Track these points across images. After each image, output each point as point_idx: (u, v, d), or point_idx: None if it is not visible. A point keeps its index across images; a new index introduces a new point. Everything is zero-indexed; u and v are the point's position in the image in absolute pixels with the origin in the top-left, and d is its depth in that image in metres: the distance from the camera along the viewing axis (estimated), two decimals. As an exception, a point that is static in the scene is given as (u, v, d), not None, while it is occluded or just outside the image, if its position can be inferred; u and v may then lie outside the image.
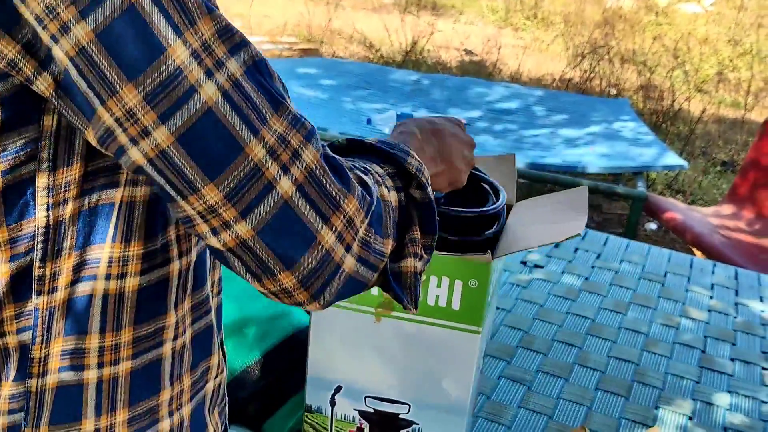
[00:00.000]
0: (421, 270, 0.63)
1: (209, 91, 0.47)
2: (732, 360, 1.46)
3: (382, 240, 0.57)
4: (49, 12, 0.45)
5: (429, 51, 7.19)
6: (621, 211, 4.26)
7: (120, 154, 0.49)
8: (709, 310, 1.64)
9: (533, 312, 1.55)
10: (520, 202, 1.07)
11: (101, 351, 0.56)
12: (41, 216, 0.52)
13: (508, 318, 1.51)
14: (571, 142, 4.30)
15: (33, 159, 0.51)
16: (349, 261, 0.54)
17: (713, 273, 1.82)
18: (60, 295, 0.54)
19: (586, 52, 6.83)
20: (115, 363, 0.57)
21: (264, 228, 0.49)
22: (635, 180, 3.91)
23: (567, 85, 6.40)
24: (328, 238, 0.52)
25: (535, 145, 4.17)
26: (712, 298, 1.69)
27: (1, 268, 0.53)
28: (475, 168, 0.98)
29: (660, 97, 6.07)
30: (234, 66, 0.48)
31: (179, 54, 0.46)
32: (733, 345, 1.51)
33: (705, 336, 1.53)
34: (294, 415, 1.12)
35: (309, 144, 0.50)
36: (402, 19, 7.47)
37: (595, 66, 6.56)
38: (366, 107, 4.55)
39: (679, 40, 7.32)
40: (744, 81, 6.83)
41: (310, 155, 0.50)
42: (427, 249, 0.63)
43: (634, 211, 3.55)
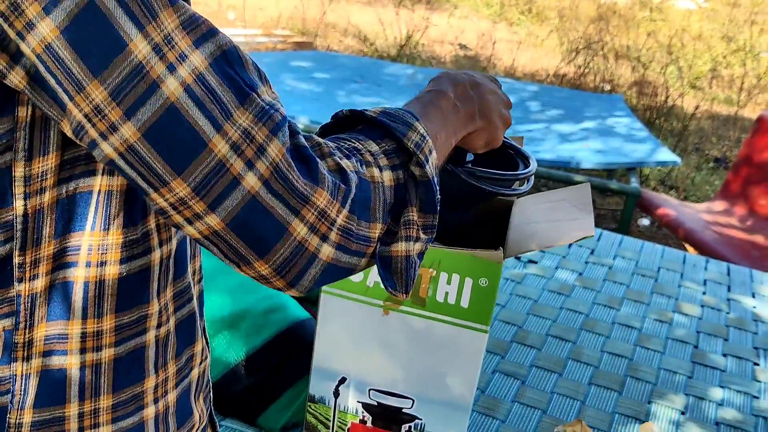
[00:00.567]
0: (419, 251, 0.61)
1: (171, 87, 0.47)
2: (724, 355, 1.47)
3: (368, 224, 0.56)
4: (14, 9, 0.46)
5: (423, 45, 7.18)
6: (614, 207, 4.28)
7: (93, 147, 0.50)
8: (702, 305, 1.65)
9: (527, 307, 1.55)
10: (522, 198, 1.06)
11: (83, 337, 0.57)
12: (19, 205, 0.53)
13: (502, 313, 1.52)
14: (565, 137, 4.31)
15: (9, 149, 0.51)
16: (327, 250, 0.54)
17: (706, 269, 1.83)
18: (41, 282, 0.55)
19: (580, 47, 6.84)
20: (98, 349, 0.58)
21: (234, 220, 0.50)
22: (628, 176, 3.93)
23: (561, 81, 6.40)
24: (299, 229, 0.52)
25: (530, 141, 4.17)
26: (704, 293, 1.70)
27: None
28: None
29: (654, 93, 6.09)
30: (198, 59, 0.48)
31: (141, 49, 0.47)
32: (726, 341, 1.52)
33: (697, 331, 1.54)
34: (289, 409, 1.12)
35: (275, 138, 0.50)
36: (397, 13, 7.46)
37: (590, 61, 6.57)
38: (360, 101, 4.55)
39: (673, 36, 7.34)
40: (737, 78, 6.86)
41: (275, 150, 0.50)
42: (427, 228, 0.61)
43: (627, 207, 3.56)
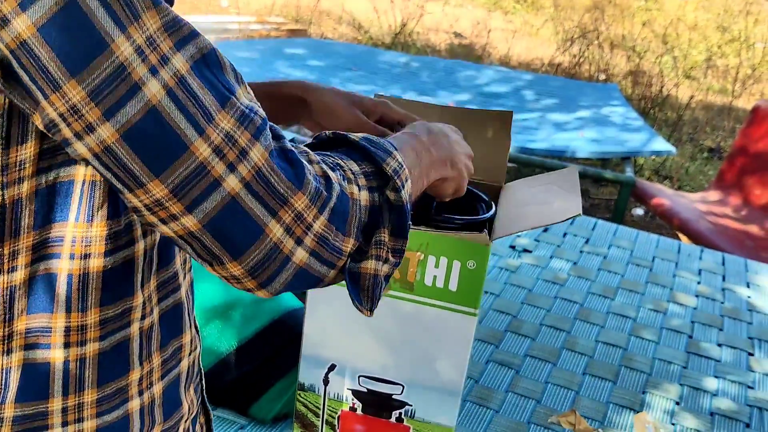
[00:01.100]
0: (387, 273, 0.62)
1: (153, 89, 0.47)
2: (719, 345, 1.46)
3: (343, 237, 0.57)
4: None
5: (418, 33, 7.15)
6: (609, 197, 4.27)
7: (66, 145, 0.49)
8: (697, 295, 1.64)
9: (522, 296, 1.54)
10: (508, 183, 1.06)
11: (67, 331, 0.56)
12: None
13: (496, 302, 1.51)
14: (560, 126, 4.30)
15: None
16: (300, 253, 0.54)
17: (701, 259, 1.82)
18: (20, 275, 0.54)
19: (575, 36, 6.82)
20: (82, 344, 0.57)
21: (210, 221, 0.50)
22: (623, 165, 3.92)
23: (556, 70, 6.39)
24: (275, 231, 0.52)
25: (524, 130, 4.16)
26: (699, 283, 1.70)
27: None
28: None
29: (648, 83, 6.08)
30: (180, 61, 0.48)
31: (123, 50, 0.46)
32: (720, 330, 1.52)
33: (692, 321, 1.54)
34: (281, 399, 1.11)
35: (257, 142, 0.50)
36: (391, 1, 7.42)
37: (585, 51, 6.55)
38: (354, 89, 4.51)
39: (669, 25, 7.33)
40: (732, 68, 6.85)
41: (257, 153, 0.50)
42: (396, 252, 0.62)
43: (621, 197, 3.56)
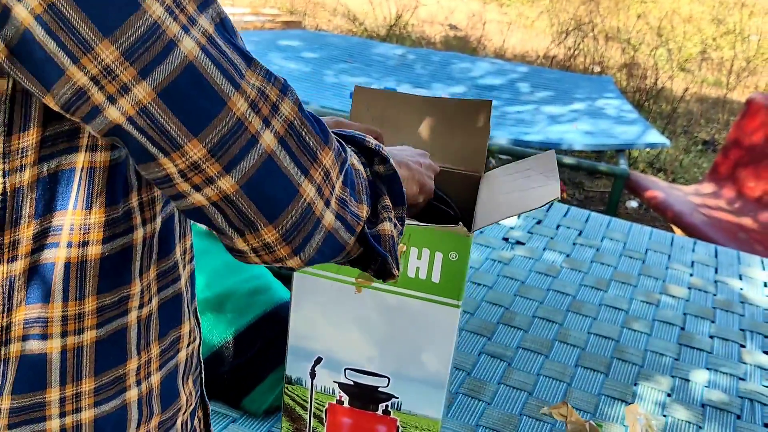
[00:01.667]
0: (397, 237, 0.64)
1: (188, 46, 0.46)
2: (711, 337, 1.47)
3: (356, 203, 0.58)
4: None
5: (413, 25, 7.13)
6: (603, 189, 4.28)
7: (92, 116, 0.47)
8: (689, 287, 1.64)
9: (514, 288, 1.54)
10: (488, 172, 1.06)
11: (65, 320, 0.55)
12: None
13: (489, 294, 1.51)
14: (555, 118, 4.29)
15: None
16: (329, 216, 0.54)
17: (693, 251, 1.82)
18: (20, 265, 0.53)
19: (570, 29, 6.81)
20: (79, 332, 0.56)
21: (248, 182, 0.49)
22: (617, 158, 3.92)
23: (551, 62, 6.38)
24: (309, 190, 0.52)
25: (519, 122, 4.16)
26: (692, 275, 1.70)
27: None
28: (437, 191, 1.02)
29: (643, 76, 6.08)
30: (205, 22, 0.48)
31: (155, 9, 0.46)
32: (712, 322, 1.52)
33: (684, 313, 1.54)
34: (273, 391, 1.11)
35: (285, 96, 0.51)
36: (386, -7, 7.40)
37: (580, 43, 6.55)
38: (349, 81, 4.51)
39: (663, 18, 7.32)
40: (726, 60, 6.86)
41: (288, 107, 0.51)
42: (400, 219, 0.64)
43: (615, 189, 3.56)
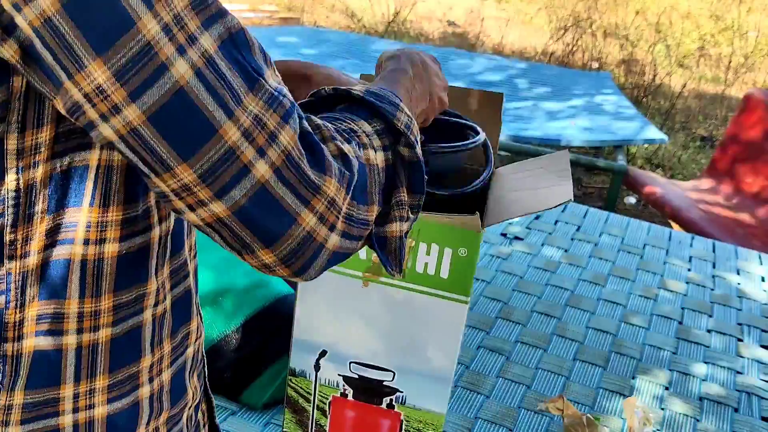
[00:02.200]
0: (407, 230, 0.62)
1: (181, 69, 0.45)
2: (708, 331, 1.47)
3: (366, 208, 0.56)
4: None
5: (411, 21, 7.13)
6: (601, 185, 4.28)
7: (90, 128, 0.47)
8: (687, 282, 1.65)
9: (513, 283, 1.55)
10: (500, 168, 1.06)
11: (80, 317, 0.55)
12: (11, 179, 0.51)
13: (487, 289, 1.51)
14: (553, 115, 4.30)
15: (2, 121, 0.49)
16: (334, 239, 0.53)
17: (691, 246, 1.83)
18: (33, 260, 0.53)
19: (568, 25, 6.81)
20: (95, 329, 0.56)
21: (240, 209, 0.49)
22: (616, 154, 3.93)
23: (549, 58, 6.38)
24: (308, 220, 0.51)
25: (517, 118, 4.16)
26: (689, 270, 1.71)
27: None
28: (451, 111, 0.99)
29: (641, 72, 6.08)
30: (208, 41, 0.46)
31: (150, 28, 0.44)
32: (710, 317, 1.53)
33: (682, 308, 1.54)
34: (272, 385, 1.11)
35: (286, 125, 0.49)
36: (384, -11, 7.39)
37: (578, 39, 6.55)
38: (347, 77, 4.51)
39: (662, 14, 7.32)
40: (725, 56, 6.86)
41: (287, 137, 0.49)
42: (414, 208, 0.62)
43: (614, 185, 3.57)
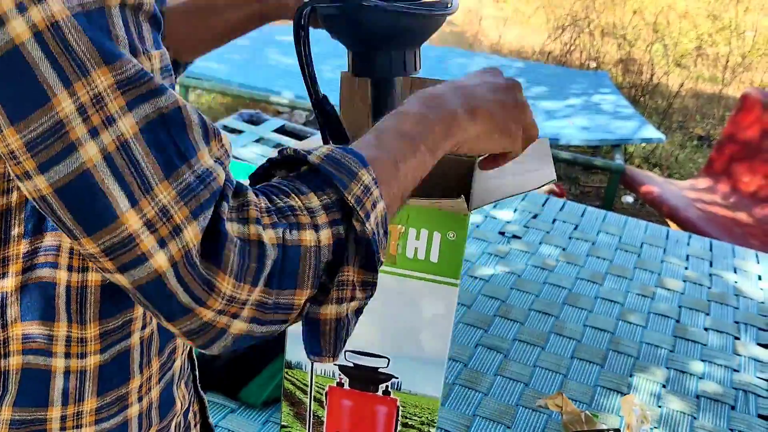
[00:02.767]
0: (355, 308, 0.57)
1: (90, 152, 0.44)
2: (706, 330, 1.48)
3: (291, 292, 0.52)
4: None
5: (409, 21, 7.11)
6: (599, 184, 4.29)
7: (13, 185, 0.50)
8: (684, 280, 1.66)
9: (511, 282, 1.55)
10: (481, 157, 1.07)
11: (68, 341, 0.56)
12: None
13: (485, 287, 1.52)
14: (551, 114, 4.30)
15: None
16: (238, 325, 0.50)
17: (688, 244, 1.83)
18: (11, 282, 0.54)
19: (566, 24, 6.82)
20: (82, 356, 0.56)
21: (139, 287, 0.47)
22: (613, 153, 3.93)
23: (547, 58, 6.39)
24: (206, 314, 0.49)
25: (515, 117, 4.16)
26: (687, 269, 1.71)
27: None
28: None
29: (639, 71, 6.09)
30: (128, 123, 0.45)
31: (64, 106, 0.44)
32: (707, 315, 1.53)
33: (680, 306, 1.55)
34: (271, 383, 1.12)
35: (194, 221, 0.47)
36: (382, -12, 7.38)
37: (576, 39, 6.55)
38: (345, 77, 4.51)
39: (659, 13, 7.33)
40: (722, 56, 6.87)
41: (191, 234, 0.47)
42: (367, 285, 0.56)
43: (611, 184, 3.57)
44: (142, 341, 0.60)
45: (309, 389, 1.00)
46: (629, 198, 4.18)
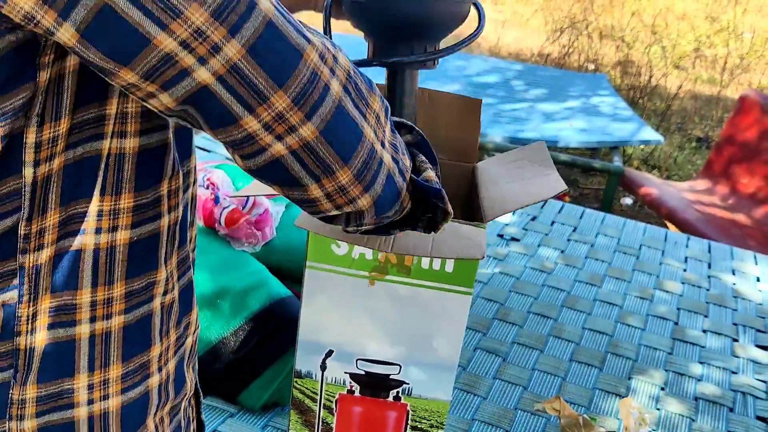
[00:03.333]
0: (440, 185, 0.65)
1: (266, 4, 0.49)
2: (704, 332, 1.48)
3: (402, 151, 0.60)
4: None
5: (408, 24, 7.12)
6: (598, 186, 4.29)
7: (176, 81, 0.48)
8: (683, 282, 1.66)
9: (509, 284, 1.55)
10: (479, 163, 1.08)
11: (93, 305, 0.56)
12: (28, 173, 0.51)
13: (484, 290, 1.52)
14: (550, 116, 4.30)
15: (23, 116, 0.50)
16: (387, 157, 0.57)
17: (687, 246, 1.84)
18: (46, 252, 0.54)
19: (564, 27, 6.83)
20: (108, 317, 0.57)
21: (326, 127, 0.52)
22: (612, 155, 3.94)
23: (545, 60, 6.40)
24: (369, 132, 0.55)
25: (514, 120, 4.17)
26: (685, 271, 1.71)
27: None
28: None
29: (637, 73, 6.10)
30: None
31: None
32: (705, 317, 1.53)
33: (678, 308, 1.55)
34: (270, 387, 1.12)
35: (340, 52, 0.55)
36: (381, -9, 7.39)
37: (574, 41, 6.56)
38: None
39: (657, 15, 7.34)
40: (720, 57, 6.88)
41: (343, 59, 0.54)
42: (438, 179, 0.65)
43: (610, 186, 3.57)
44: (162, 307, 0.61)
45: (319, 398, 1.00)
46: (628, 200, 4.18)
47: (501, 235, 1.77)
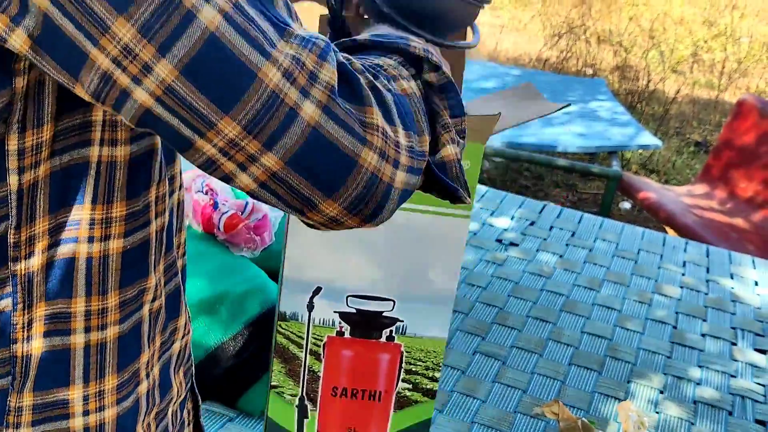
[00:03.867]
0: (461, 155, 0.58)
1: (209, 15, 0.43)
2: (703, 335, 1.48)
3: (419, 138, 0.52)
4: None
5: (406, 29, 7.13)
6: (596, 191, 4.30)
7: (122, 102, 0.45)
8: (681, 286, 1.66)
9: (508, 289, 1.56)
10: (469, 102, 1.02)
11: (88, 315, 0.56)
12: (13, 181, 0.50)
13: (483, 295, 1.52)
14: (548, 121, 4.31)
15: (2, 122, 0.49)
16: (400, 176, 0.49)
17: (685, 251, 1.84)
18: (38, 260, 0.53)
19: (562, 31, 6.84)
20: (103, 328, 0.56)
21: (294, 157, 0.45)
22: (610, 159, 3.94)
23: (544, 65, 6.41)
24: (369, 159, 0.47)
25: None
26: (684, 275, 1.72)
27: None
28: None
29: (635, 78, 6.11)
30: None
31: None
32: (704, 321, 1.54)
33: (677, 312, 1.55)
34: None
35: (325, 62, 0.46)
36: (379, -3, 7.40)
37: (572, 46, 6.58)
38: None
39: (655, 20, 7.36)
40: (718, 62, 6.89)
41: (328, 73, 0.46)
42: (460, 133, 0.57)
43: (608, 190, 3.58)
44: (150, 313, 0.61)
45: (305, 341, 0.93)
46: (626, 204, 4.19)
47: (500, 240, 1.77)
